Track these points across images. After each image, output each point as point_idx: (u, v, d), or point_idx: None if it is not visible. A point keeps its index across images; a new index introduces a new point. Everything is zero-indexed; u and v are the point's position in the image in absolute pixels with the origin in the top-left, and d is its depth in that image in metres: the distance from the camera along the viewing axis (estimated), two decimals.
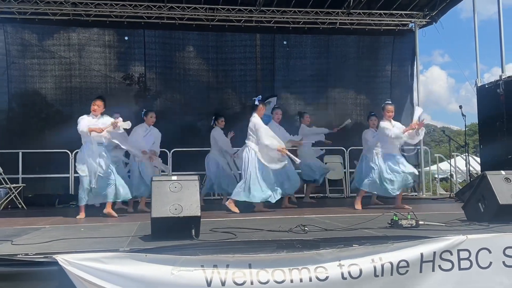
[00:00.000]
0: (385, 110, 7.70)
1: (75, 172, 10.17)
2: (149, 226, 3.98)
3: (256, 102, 7.46)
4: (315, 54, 12.40)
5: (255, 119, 7.29)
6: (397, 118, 12.19)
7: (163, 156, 9.73)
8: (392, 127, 7.60)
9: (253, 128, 7.22)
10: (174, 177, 4.06)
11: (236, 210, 7.04)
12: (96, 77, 11.60)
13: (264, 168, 7.14)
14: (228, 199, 7.59)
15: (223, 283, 3.23)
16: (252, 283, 3.27)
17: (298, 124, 9.65)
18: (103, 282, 3.17)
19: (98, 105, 6.81)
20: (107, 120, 6.79)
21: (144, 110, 8.26)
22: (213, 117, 9.12)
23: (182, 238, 3.74)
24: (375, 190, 7.79)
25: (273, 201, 7.18)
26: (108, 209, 6.75)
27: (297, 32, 12.24)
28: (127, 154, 8.11)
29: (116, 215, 6.73)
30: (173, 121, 11.49)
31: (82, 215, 6.63)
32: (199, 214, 3.88)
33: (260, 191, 7.06)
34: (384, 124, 7.64)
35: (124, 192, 6.84)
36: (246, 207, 7.25)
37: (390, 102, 7.89)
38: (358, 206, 7.55)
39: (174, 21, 11.66)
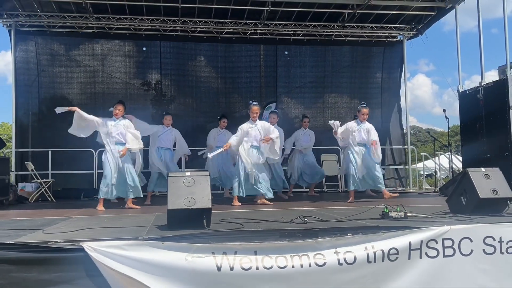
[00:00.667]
0: (360, 112, 7.63)
1: (99, 168, 10.30)
2: (165, 217, 3.98)
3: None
4: (313, 63, 12.38)
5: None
6: (386, 118, 12.38)
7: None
8: (355, 129, 7.58)
9: None
10: (188, 173, 4.07)
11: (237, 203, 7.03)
12: (117, 83, 11.62)
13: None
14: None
15: (231, 268, 3.23)
16: (257, 268, 3.27)
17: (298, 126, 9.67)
18: (124, 267, 3.17)
19: (119, 110, 6.88)
20: (126, 122, 6.88)
21: (163, 112, 8.29)
22: (218, 118, 9.12)
23: (195, 227, 3.74)
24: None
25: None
26: (129, 204, 6.83)
27: (297, 43, 12.23)
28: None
29: (138, 206, 6.85)
30: (186, 123, 11.47)
31: (100, 207, 6.64)
32: (210, 206, 3.88)
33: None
34: (349, 123, 7.72)
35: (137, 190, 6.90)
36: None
37: (365, 105, 7.74)
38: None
39: (187, 34, 11.66)
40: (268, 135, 7.10)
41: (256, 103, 7.44)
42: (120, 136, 6.77)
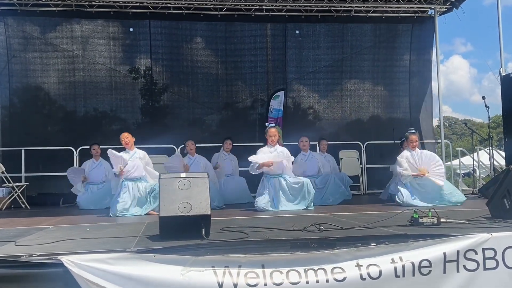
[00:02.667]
0: (408, 140, 7.65)
1: None
2: (157, 225, 3.98)
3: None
4: (329, 44, 12.37)
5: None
6: (415, 107, 12.31)
7: (171, 152, 9.76)
8: (407, 161, 7.51)
9: None
10: (183, 174, 4.05)
11: None
12: (101, 70, 11.66)
13: None
14: None
15: (235, 285, 3.22)
16: (265, 284, 3.25)
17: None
18: (110, 284, 3.17)
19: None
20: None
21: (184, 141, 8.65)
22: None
23: (192, 237, 3.74)
24: None
25: None
26: None
27: (310, 20, 12.20)
28: None
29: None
30: (181, 116, 11.53)
31: None
32: (209, 213, 3.88)
33: None
34: (404, 154, 7.61)
35: None
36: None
37: (414, 131, 7.76)
38: None
39: (180, 11, 11.65)
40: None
41: (273, 125, 7.53)
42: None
